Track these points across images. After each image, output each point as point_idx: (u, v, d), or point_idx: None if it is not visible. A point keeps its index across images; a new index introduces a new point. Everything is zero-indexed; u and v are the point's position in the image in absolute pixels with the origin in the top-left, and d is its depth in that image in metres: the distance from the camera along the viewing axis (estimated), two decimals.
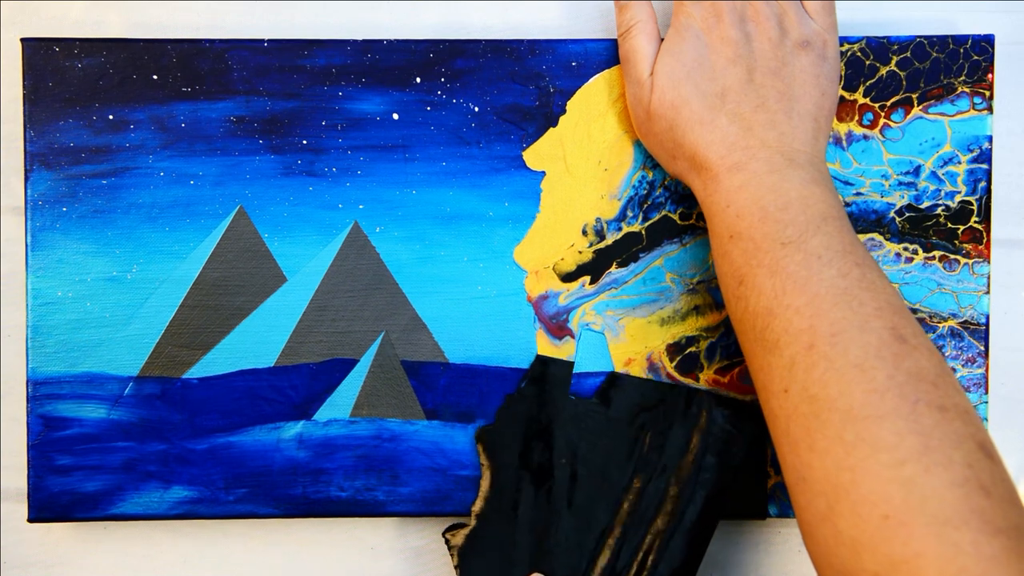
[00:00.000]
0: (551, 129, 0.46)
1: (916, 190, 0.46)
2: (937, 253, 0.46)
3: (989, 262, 0.46)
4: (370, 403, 0.46)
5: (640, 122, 0.44)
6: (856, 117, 0.46)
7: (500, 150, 0.46)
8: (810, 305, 0.37)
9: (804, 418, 0.36)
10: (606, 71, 0.46)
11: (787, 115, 0.41)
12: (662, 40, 0.44)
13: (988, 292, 0.46)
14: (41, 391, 0.45)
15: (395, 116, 0.46)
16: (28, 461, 0.45)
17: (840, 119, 0.46)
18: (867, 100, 0.46)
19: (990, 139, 0.46)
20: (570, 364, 0.46)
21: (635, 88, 0.44)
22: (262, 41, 0.46)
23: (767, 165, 0.40)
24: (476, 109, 0.46)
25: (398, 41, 0.46)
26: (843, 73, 0.46)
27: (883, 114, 0.46)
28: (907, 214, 0.46)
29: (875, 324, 0.36)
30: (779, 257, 0.38)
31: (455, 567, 0.45)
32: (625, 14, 0.44)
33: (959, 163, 0.46)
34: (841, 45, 0.46)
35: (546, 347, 0.46)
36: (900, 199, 0.46)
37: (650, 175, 0.46)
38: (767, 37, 0.42)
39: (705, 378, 0.46)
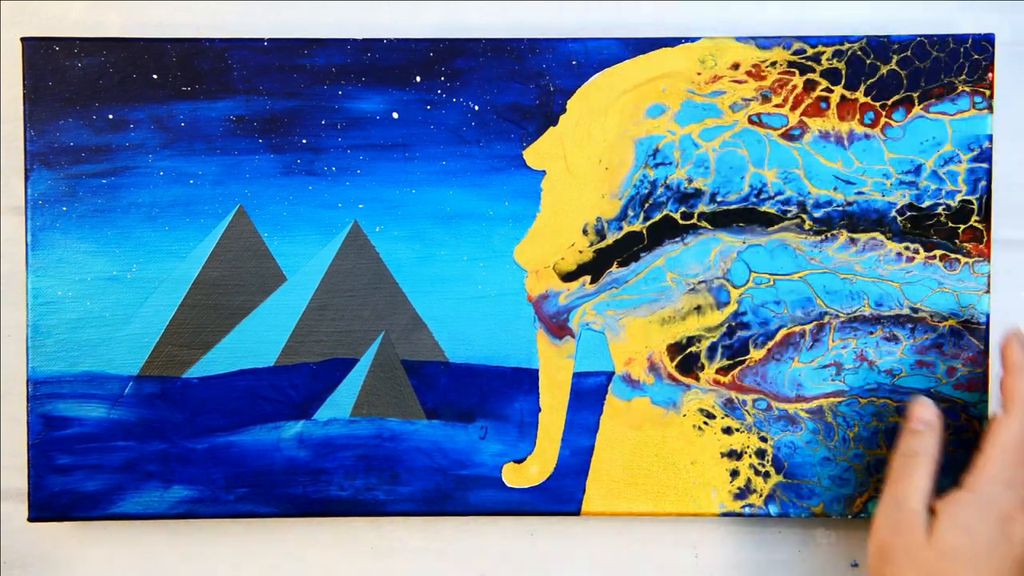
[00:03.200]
0: (551, 128, 0.46)
1: (917, 189, 0.46)
2: (938, 252, 0.46)
3: (989, 261, 0.46)
4: (370, 402, 0.46)
5: (888, 539, 0.43)
6: (857, 116, 0.46)
7: (500, 149, 0.46)
8: None
9: None
10: (606, 69, 0.46)
11: None
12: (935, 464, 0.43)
13: (988, 291, 0.46)
14: (41, 390, 0.45)
15: (395, 115, 0.46)
16: (28, 461, 0.45)
17: (841, 118, 0.46)
18: (868, 99, 0.46)
19: (990, 138, 0.46)
20: None
21: (896, 513, 0.43)
22: (262, 40, 0.46)
23: None
24: (476, 108, 0.46)
25: (398, 40, 0.46)
26: (845, 72, 0.46)
27: (884, 113, 0.46)
28: (908, 213, 0.46)
29: None
30: None
31: None
32: (914, 440, 0.44)
33: (960, 162, 0.46)
34: (842, 44, 0.46)
35: (546, 346, 0.46)
36: (901, 198, 0.46)
37: (651, 174, 0.46)
38: None
39: (705, 378, 0.46)
